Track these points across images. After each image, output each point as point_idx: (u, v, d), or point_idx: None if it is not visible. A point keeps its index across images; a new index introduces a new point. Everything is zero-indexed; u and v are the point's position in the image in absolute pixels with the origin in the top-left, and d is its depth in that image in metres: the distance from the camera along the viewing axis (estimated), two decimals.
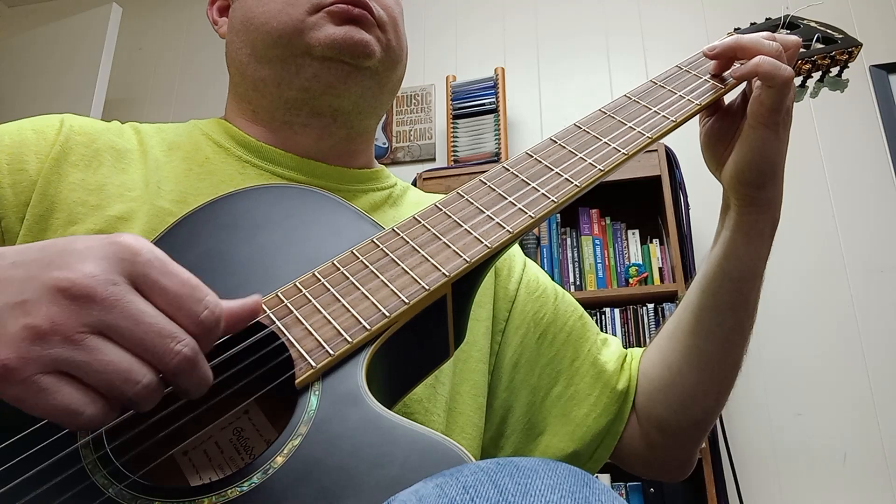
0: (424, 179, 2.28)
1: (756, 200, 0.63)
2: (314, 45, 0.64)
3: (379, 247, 0.52)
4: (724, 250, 0.65)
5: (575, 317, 0.76)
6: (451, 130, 2.46)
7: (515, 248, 0.79)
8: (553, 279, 0.80)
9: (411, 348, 0.51)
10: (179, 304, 0.37)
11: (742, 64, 0.63)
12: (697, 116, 0.66)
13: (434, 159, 2.60)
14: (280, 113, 0.68)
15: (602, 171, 0.56)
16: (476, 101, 2.48)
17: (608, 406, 0.71)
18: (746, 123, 0.61)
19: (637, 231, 2.21)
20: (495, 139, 2.40)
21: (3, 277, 0.37)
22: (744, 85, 0.65)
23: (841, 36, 0.74)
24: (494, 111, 2.45)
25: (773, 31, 0.73)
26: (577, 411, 0.71)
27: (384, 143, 2.65)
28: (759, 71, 0.60)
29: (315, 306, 0.48)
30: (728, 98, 0.66)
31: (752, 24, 0.75)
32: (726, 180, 0.64)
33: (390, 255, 0.51)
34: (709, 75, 0.65)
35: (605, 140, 0.59)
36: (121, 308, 0.36)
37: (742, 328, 0.67)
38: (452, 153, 2.43)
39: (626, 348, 0.78)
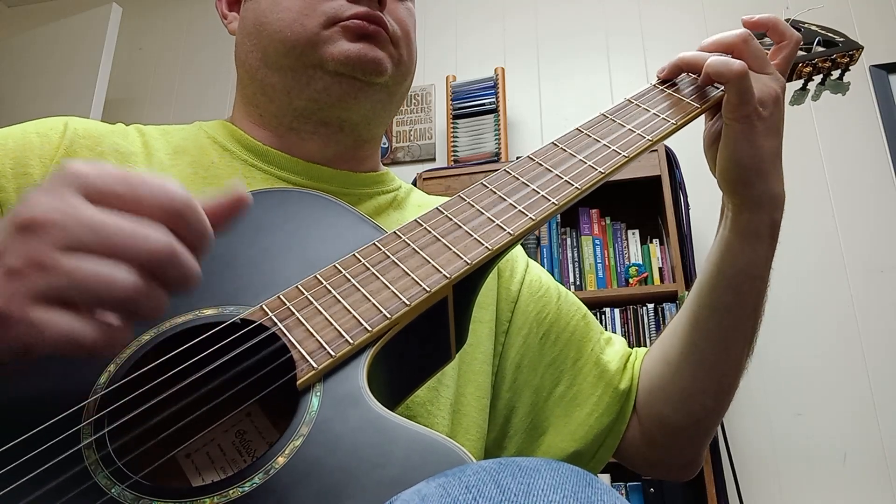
0: (424, 179, 2.28)
1: (746, 199, 0.63)
2: (327, 59, 0.64)
3: (380, 249, 0.52)
4: (720, 249, 0.65)
5: (578, 316, 0.76)
6: (451, 130, 2.47)
7: (518, 249, 0.79)
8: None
9: (412, 350, 0.51)
10: (138, 198, 0.38)
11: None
12: (703, 118, 0.66)
13: (434, 159, 2.60)
14: (287, 119, 0.68)
15: (603, 173, 0.57)
16: (476, 101, 2.48)
17: (610, 406, 0.71)
18: (723, 122, 0.62)
19: (637, 231, 2.22)
20: (495, 139, 2.40)
21: None
22: None
23: (842, 39, 0.74)
24: (494, 111, 2.45)
25: None
26: (579, 411, 0.71)
27: (384, 144, 2.65)
28: (710, 72, 0.61)
29: (316, 308, 0.48)
30: None
31: None
32: (717, 180, 0.65)
33: (392, 257, 0.51)
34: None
35: (605, 142, 0.60)
36: (78, 221, 0.36)
37: (741, 329, 0.66)
38: (452, 153, 2.43)
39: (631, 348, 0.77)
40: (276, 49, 0.66)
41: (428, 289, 0.49)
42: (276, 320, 0.47)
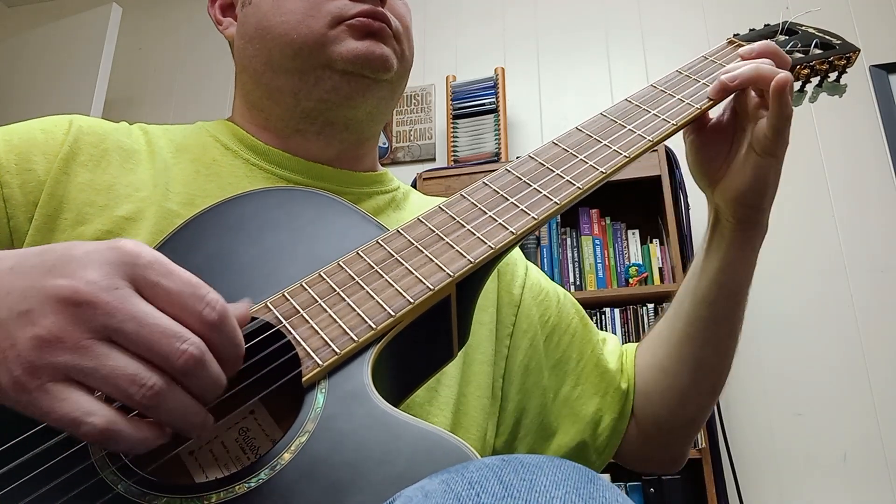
0: (424, 179, 2.28)
1: (757, 219, 0.65)
2: (336, 59, 0.64)
3: (384, 247, 0.52)
4: (721, 264, 0.67)
5: (577, 318, 0.78)
6: (451, 130, 2.47)
7: (517, 253, 0.80)
8: (553, 279, 0.81)
9: (416, 348, 0.51)
10: (183, 304, 0.38)
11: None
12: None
13: (434, 159, 2.60)
14: (294, 122, 0.68)
15: (604, 173, 0.57)
16: (476, 101, 2.48)
17: (612, 405, 0.73)
18: (750, 151, 0.62)
19: (637, 231, 2.22)
20: (495, 139, 2.40)
21: (3, 284, 0.37)
22: (727, 102, 0.65)
23: (839, 42, 0.74)
24: (494, 111, 2.45)
25: (772, 37, 0.74)
26: (585, 410, 0.73)
27: (384, 144, 2.65)
28: (773, 91, 0.58)
29: (321, 306, 0.48)
30: (713, 113, 0.66)
31: (750, 29, 0.75)
32: (725, 201, 0.65)
33: (395, 255, 0.52)
34: (707, 79, 0.66)
35: (606, 143, 0.60)
36: (124, 312, 0.36)
37: (735, 333, 0.70)
38: (452, 153, 2.43)
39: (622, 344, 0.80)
40: (282, 52, 0.66)
41: (432, 287, 0.49)
42: (280, 318, 0.47)
